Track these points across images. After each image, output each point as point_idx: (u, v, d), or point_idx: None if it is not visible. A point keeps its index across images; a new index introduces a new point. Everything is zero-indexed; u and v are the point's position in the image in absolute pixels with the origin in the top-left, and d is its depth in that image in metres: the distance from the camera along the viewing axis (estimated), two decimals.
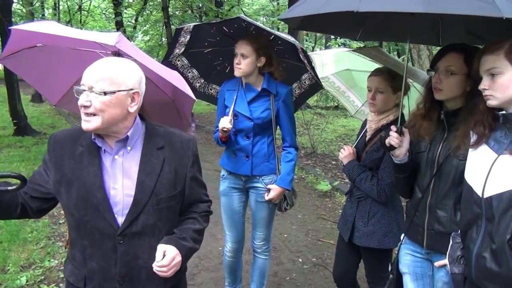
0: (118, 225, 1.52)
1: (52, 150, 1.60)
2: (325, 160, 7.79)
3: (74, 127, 1.67)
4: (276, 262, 3.98)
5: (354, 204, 2.53)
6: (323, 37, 22.04)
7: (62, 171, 1.55)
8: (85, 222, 1.52)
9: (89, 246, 1.55)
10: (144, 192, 1.54)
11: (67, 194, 1.54)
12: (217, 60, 3.06)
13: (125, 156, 1.56)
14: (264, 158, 2.82)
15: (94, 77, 1.45)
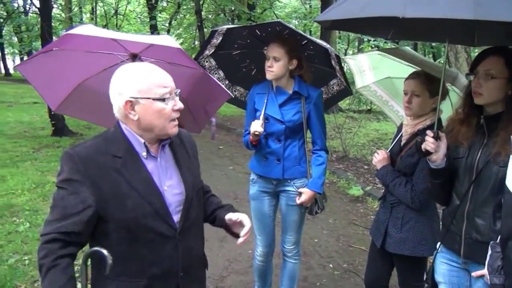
0: (176, 224, 1.58)
1: (84, 169, 1.46)
2: (357, 165, 7.68)
3: (89, 142, 1.57)
4: (306, 267, 3.94)
5: (387, 210, 2.47)
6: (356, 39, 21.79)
7: (107, 187, 1.47)
8: (146, 231, 1.51)
9: (150, 254, 1.53)
10: (189, 187, 1.64)
11: (121, 209, 1.47)
12: (244, 62, 3.07)
13: (164, 158, 1.63)
14: (295, 162, 2.80)
15: (172, 81, 1.55)
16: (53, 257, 1.37)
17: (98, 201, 1.45)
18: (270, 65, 2.64)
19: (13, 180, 6.31)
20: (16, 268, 3.73)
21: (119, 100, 1.50)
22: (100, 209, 1.46)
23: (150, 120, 1.51)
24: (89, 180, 1.45)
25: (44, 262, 1.37)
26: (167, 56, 2.64)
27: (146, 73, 1.51)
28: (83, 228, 1.43)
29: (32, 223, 4.77)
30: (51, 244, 1.39)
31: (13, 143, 8.97)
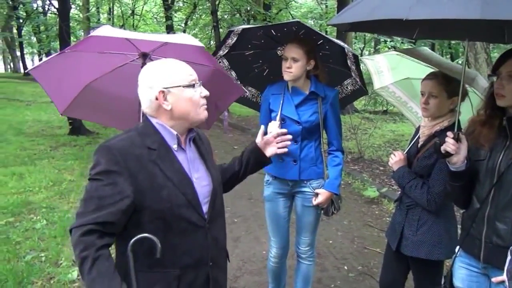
0: (205, 214, 1.63)
1: (123, 161, 1.48)
2: (372, 166, 7.60)
3: (123, 136, 1.59)
4: (321, 269, 3.91)
5: (403, 212, 2.43)
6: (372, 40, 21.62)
7: (144, 179, 1.50)
8: (178, 219, 1.56)
9: (181, 244, 1.58)
10: (215, 178, 1.72)
11: (157, 199, 1.51)
12: (257, 62, 3.06)
13: (190, 150, 1.69)
14: (311, 162, 2.78)
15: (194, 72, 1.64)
16: (95, 248, 1.38)
17: (135, 192, 1.48)
18: (289, 66, 2.61)
19: (30, 178, 6.41)
20: (32, 264, 3.78)
21: (151, 94, 1.57)
22: (137, 200, 1.48)
23: (183, 108, 1.59)
24: (128, 171, 1.48)
25: (88, 254, 1.37)
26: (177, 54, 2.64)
27: (173, 64, 1.62)
28: (118, 218, 1.45)
29: (49, 220, 4.84)
30: (88, 236, 1.39)
31: (31, 141, 9.12)
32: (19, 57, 31.30)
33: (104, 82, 2.71)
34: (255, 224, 4.78)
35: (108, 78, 2.68)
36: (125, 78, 2.79)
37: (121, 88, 2.81)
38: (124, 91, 2.88)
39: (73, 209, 5.19)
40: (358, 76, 2.96)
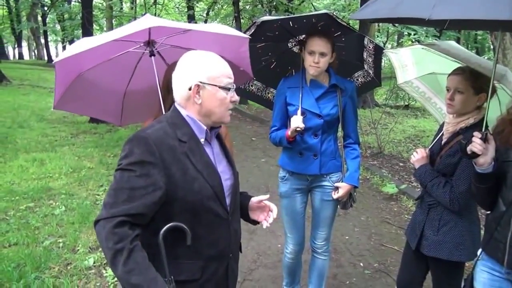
0: (228, 207, 1.66)
1: (159, 152, 1.47)
2: (392, 161, 7.47)
3: (157, 125, 1.57)
4: (336, 265, 3.87)
5: (424, 211, 2.36)
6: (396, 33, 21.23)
7: (177, 170, 1.50)
8: (208, 212, 1.57)
9: (206, 234, 1.59)
10: (235, 175, 1.75)
11: (189, 191, 1.51)
12: (266, 55, 3.01)
13: (214, 144, 1.71)
14: (331, 156, 2.74)
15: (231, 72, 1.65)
16: (129, 239, 1.37)
17: (168, 183, 1.47)
18: (317, 61, 2.54)
19: (51, 164, 6.51)
20: (50, 250, 3.84)
21: (186, 83, 1.56)
22: (169, 191, 1.47)
23: (212, 107, 1.59)
24: (163, 163, 1.46)
25: (123, 245, 1.36)
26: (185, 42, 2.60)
27: (216, 61, 1.60)
28: (150, 210, 1.44)
29: (68, 207, 4.90)
30: (122, 228, 1.38)
31: (53, 128, 9.27)
32: (43, 45, 31.82)
33: (99, 71, 2.61)
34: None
35: (103, 67, 2.58)
36: (119, 67, 2.72)
37: (112, 78, 2.74)
38: (114, 81, 2.81)
39: (91, 196, 5.26)
40: (373, 68, 2.90)
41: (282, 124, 2.80)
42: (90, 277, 3.47)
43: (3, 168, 6.25)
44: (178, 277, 1.52)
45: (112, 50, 2.59)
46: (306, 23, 2.64)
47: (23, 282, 3.24)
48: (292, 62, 2.99)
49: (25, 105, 11.95)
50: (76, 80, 2.61)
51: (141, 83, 2.77)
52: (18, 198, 5.11)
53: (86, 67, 2.61)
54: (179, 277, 1.53)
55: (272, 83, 3.13)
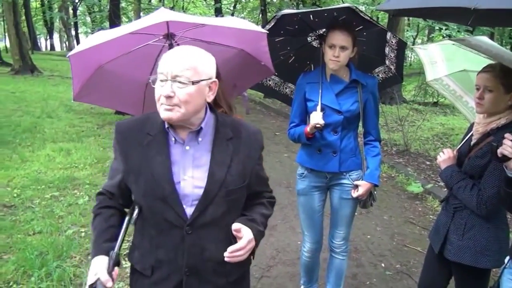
0: (187, 216, 1.50)
1: (119, 140, 1.55)
2: (418, 160, 7.30)
3: (137, 116, 1.64)
4: (356, 264, 3.79)
5: (450, 213, 2.27)
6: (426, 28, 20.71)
7: (130, 160, 1.53)
8: (153, 212, 1.52)
9: (156, 235, 1.54)
10: (214, 183, 1.51)
11: (136, 184, 1.53)
12: (284, 49, 2.94)
13: (196, 147, 1.53)
14: (351, 153, 2.68)
15: (178, 67, 1.41)
16: (99, 206, 1.61)
17: (124, 171, 1.55)
18: (337, 55, 2.47)
19: (77, 154, 6.63)
20: (73, 239, 3.90)
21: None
22: (125, 179, 1.56)
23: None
24: (122, 150, 1.55)
25: (94, 210, 1.62)
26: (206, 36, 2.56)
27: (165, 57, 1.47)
28: (116, 190, 1.60)
29: (91, 197, 4.97)
30: (99, 196, 1.64)
31: (80, 118, 9.45)
32: (74, 36, 32.44)
33: (119, 64, 2.60)
34: (291, 214, 4.69)
35: (123, 60, 2.59)
36: (140, 60, 2.71)
37: (132, 71, 2.72)
38: (134, 74, 2.79)
39: None
40: (395, 63, 2.81)
41: (301, 120, 2.74)
42: None
43: (31, 157, 6.40)
44: (136, 265, 1.62)
45: (132, 43, 2.59)
46: (327, 17, 2.58)
47: (45, 270, 3.30)
48: (311, 57, 2.93)
49: (54, 95, 12.22)
50: (96, 73, 2.62)
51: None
52: (44, 187, 5.21)
53: (106, 59, 2.61)
54: (136, 265, 1.62)
55: (290, 78, 3.07)
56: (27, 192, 5.00)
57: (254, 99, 12.93)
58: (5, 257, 3.54)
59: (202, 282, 1.56)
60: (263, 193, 1.73)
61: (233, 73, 2.72)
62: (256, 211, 1.65)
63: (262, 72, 2.83)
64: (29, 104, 10.71)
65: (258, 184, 1.68)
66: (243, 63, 2.73)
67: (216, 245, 1.53)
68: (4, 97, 11.40)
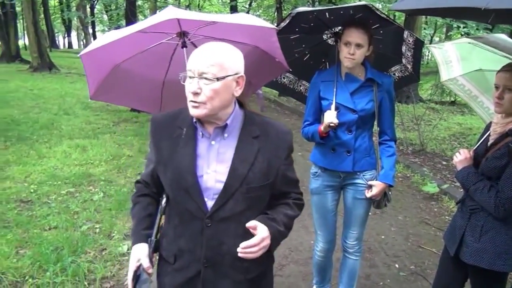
0: (207, 208, 1.53)
1: (153, 132, 1.62)
2: (434, 160, 7.20)
3: (172, 110, 1.67)
4: (370, 265, 3.76)
5: (466, 215, 2.23)
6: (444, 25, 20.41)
7: (161, 151, 1.59)
8: (177, 202, 1.57)
9: (179, 224, 1.59)
10: (235, 178, 1.52)
11: (164, 174, 1.59)
12: (299, 47, 2.91)
13: (221, 142, 1.56)
14: (365, 153, 2.64)
15: (204, 63, 1.43)
16: (137, 194, 1.72)
17: (156, 161, 1.62)
18: (352, 53, 2.44)
19: (92, 151, 6.70)
20: (87, 235, 3.94)
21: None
22: (157, 169, 1.63)
23: None
24: (155, 141, 1.62)
25: (132, 198, 1.73)
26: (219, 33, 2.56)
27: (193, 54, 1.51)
28: (150, 179, 1.68)
29: (106, 193, 5.03)
30: (137, 184, 1.75)
31: (96, 115, 9.55)
32: (91, 34, 32.81)
33: (134, 62, 2.63)
34: (305, 212, 4.54)
35: (138, 59, 2.61)
36: (155, 58, 2.73)
37: (148, 69, 2.74)
38: (151, 72, 2.82)
39: (129, 184, 5.36)
40: (411, 62, 2.77)
41: (315, 119, 2.72)
42: (123, 263, 3.53)
43: (47, 153, 6.49)
44: (162, 252, 1.67)
45: (145, 41, 2.61)
46: (343, 15, 2.54)
47: (60, 265, 3.34)
48: (326, 55, 2.91)
49: (71, 92, 12.38)
50: (112, 72, 2.65)
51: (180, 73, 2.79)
52: (60, 183, 5.28)
53: (121, 58, 2.64)
54: (163, 252, 1.67)
55: (304, 76, 3.05)
56: (43, 188, 5.07)
57: (268, 97, 12.91)
58: (21, 252, 3.60)
59: (220, 275, 1.58)
60: (290, 194, 1.71)
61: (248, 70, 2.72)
62: (279, 211, 1.64)
63: (277, 69, 2.81)
64: (46, 101, 10.87)
65: (285, 184, 1.66)
66: (258, 60, 2.72)
67: (235, 240, 1.53)
68: (23, 94, 11.59)
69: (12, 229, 3.98)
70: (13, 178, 5.35)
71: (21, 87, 12.70)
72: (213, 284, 1.59)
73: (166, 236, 1.65)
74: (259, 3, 21.11)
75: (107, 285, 3.25)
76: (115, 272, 3.40)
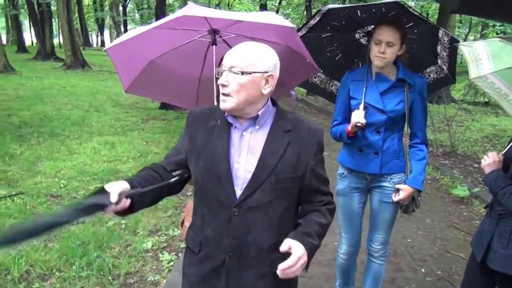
0: (236, 197, 1.56)
1: (190, 123, 1.70)
2: (465, 162, 6.99)
3: (209, 106, 1.78)
4: (395, 268, 3.68)
5: (494, 220, 2.15)
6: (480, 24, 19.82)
7: (195, 141, 1.65)
8: (207, 190, 1.60)
9: (208, 213, 1.62)
10: (264, 169, 1.56)
11: (196, 163, 1.63)
12: (331, 46, 2.87)
13: (253, 133, 1.61)
14: (394, 155, 2.57)
15: (234, 58, 1.52)
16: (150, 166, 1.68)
17: (188, 150, 1.66)
18: (383, 51, 2.39)
19: (121, 148, 6.83)
20: (113, 230, 4.01)
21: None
22: (188, 158, 1.67)
23: None
24: (191, 131, 1.68)
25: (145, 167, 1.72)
26: (252, 31, 2.55)
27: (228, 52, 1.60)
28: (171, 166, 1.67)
29: None
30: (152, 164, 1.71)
31: (125, 113, 9.73)
32: (123, 33, 33.49)
33: (168, 58, 2.69)
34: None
35: (173, 54, 2.67)
36: (190, 55, 2.76)
37: (184, 65, 2.78)
38: (186, 69, 2.86)
39: None
40: (447, 63, 2.68)
41: (344, 118, 2.67)
42: (147, 259, 3.58)
43: (78, 149, 6.65)
44: (188, 243, 1.72)
45: (177, 38, 2.66)
46: (375, 13, 2.49)
47: (86, 260, 3.42)
48: (359, 54, 2.85)
49: (102, 90, 12.67)
50: (147, 67, 2.73)
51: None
52: (89, 179, 5.40)
53: (155, 54, 2.72)
54: (189, 243, 1.72)
55: (336, 76, 2.99)
56: (73, 183, 5.20)
57: (296, 96, 12.85)
58: (49, 245, 3.70)
59: (244, 265, 1.60)
60: (321, 193, 1.70)
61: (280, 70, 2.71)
62: (313, 221, 1.63)
63: (308, 70, 2.77)
64: (78, 98, 11.16)
65: (315, 180, 1.66)
66: (290, 60, 2.70)
67: (261, 231, 1.57)
68: (56, 91, 11.94)
69: None
70: (44, 173, 5.51)
71: (55, 84, 13.09)
72: (237, 273, 1.60)
73: (194, 226, 1.70)
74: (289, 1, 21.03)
75: (131, 280, 3.30)
76: (139, 268, 3.45)
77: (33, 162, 5.92)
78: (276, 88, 2.47)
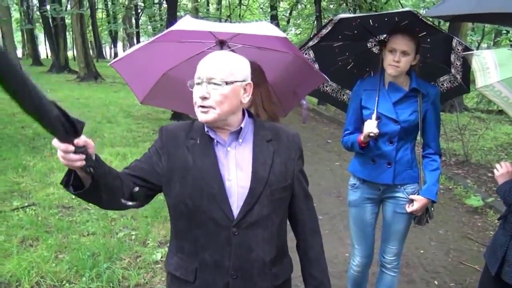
0: (234, 216, 1.50)
1: (166, 140, 1.57)
2: (479, 171, 6.89)
3: (182, 122, 1.68)
4: (407, 280, 3.62)
5: (508, 232, 2.11)
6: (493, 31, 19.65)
7: (176, 160, 1.54)
8: (201, 212, 1.51)
9: (202, 236, 1.53)
10: (259, 182, 1.53)
11: (181, 183, 1.52)
12: (343, 55, 2.85)
13: (237, 148, 1.56)
14: (407, 166, 2.54)
15: (212, 69, 1.47)
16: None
17: (167, 170, 1.53)
18: (397, 60, 2.37)
19: (132, 159, 6.81)
20: (123, 241, 4.02)
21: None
22: (167, 178, 1.53)
23: None
24: (167, 150, 1.55)
25: None
26: (257, 41, 2.55)
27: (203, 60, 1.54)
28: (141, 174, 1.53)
29: None
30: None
31: (137, 124, 9.80)
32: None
33: (181, 70, 2.73)
34: (340, 224, 4.58)
35: (184, 66, 2.70)
36: None
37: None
38: None
39: None
40: (461, 72, 2.65)
41: (355, 128, 2.65)
42: (156, 271, 3.57)
43: None
44: (175, 272, 1.59)
45: (186, 50, 2.69)
46: (387, 22, 2.48)
47: (95, 271, 3.42)
48: (371, 63, 2.84)
49: (115, 101, 12.80)
50: (161, 79, 2.77)
51: None
52: None
53: (167, 67, 2.76)
54: (176, 272, 1.59)
55: (348, 85, 2.98)
56: None
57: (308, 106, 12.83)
58: (60, 256, 3.71)
59: (248, 285, 1.55)
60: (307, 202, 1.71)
61: (293, 80, 2.71)
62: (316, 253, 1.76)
63: (317, 79, 2.77)
64: (91, 109, 11.28)
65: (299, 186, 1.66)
66: (300, 69, 2.70)
67: (263, 245, 1.54)
68: (70, 103, 12.07)
69: (53, 234, 4.12)
70: (56, 184, 5.55)
71: (69, 96, 13.25)
72: None
73: (181, 253, 1.59)
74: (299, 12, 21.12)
75: None
76: (148, 280, 3.44)
77: (46, 174, 5.98)
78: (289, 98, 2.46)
